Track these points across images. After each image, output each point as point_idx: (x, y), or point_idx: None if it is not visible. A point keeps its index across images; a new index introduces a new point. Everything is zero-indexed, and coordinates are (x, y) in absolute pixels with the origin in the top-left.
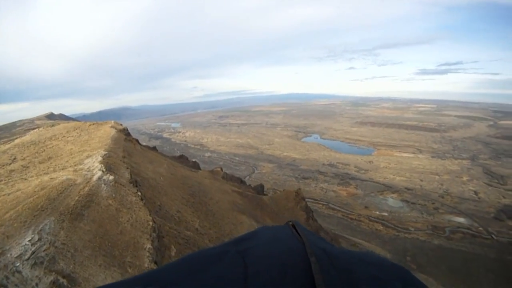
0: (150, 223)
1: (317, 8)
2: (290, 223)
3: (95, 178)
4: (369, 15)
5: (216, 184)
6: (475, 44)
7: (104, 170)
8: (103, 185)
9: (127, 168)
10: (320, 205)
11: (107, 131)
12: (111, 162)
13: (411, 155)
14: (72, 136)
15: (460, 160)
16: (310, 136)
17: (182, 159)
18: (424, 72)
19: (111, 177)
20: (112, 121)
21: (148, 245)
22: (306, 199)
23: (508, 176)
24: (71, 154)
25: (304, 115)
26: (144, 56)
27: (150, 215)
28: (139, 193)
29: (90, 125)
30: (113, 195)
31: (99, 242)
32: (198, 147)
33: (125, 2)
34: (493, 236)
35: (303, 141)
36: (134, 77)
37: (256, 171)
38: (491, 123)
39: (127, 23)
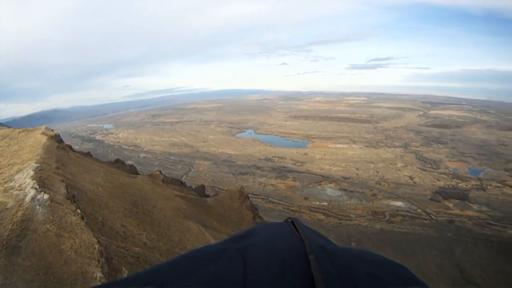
0: (96, 246)
1: (251, 5)
2: (290, 220)
3: (28, 198)
4: (302, 13)
5: (158, 190)
6: (405, 41)
7: (37, 187)
8: (38, 207)
9: (62, 181)
10: (260, 200)
11: (38, 139)
12: (44, 176)
13: (345, 146)
14: (1, 147)
15: (393, 148)
16: (245, 131)
17: (119, 163)
18: (355, 67)
19: (46, 196)
20: (43, 127)
21: (98, 274)
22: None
23: (441, 161)
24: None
25: (237, 111)
26: (75, 54)
27: (94, 236)
28: (78, 210)
29: (19, 132)
30: (51, 218)
31: (44, 280)
32: (132, 148)
33: None
34: (431, 216)
35: (238, 137)
36: (65, 77)
37: (192, 170)
38: (421, 113)
39: (55, 20)
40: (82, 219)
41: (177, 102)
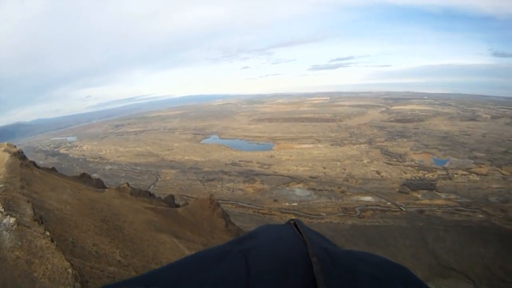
0: (70, 270)
1: (213, 9)
2: (292, 221)
3: None
4: (263, 16)
5: (127, 203)
6: (366, 40)
7: (3, 210)
8: (5, 232)
9: (28, 201)
10: (230, 205)
11: (0, 157)
12: (9, 197)
13: (311, 146)
14: None
15: (358, 145)
16: (209, 137)
17: (85, 177)
18: (317, 67)
19: (12, 219)
20: (5, 143)
21: None
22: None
23: (406, 154)
24: None
25: (201, 116)
26: (35, 65)
27: (66, 259)
28: (47, 232)
29: None
30: (19, 243)
31: None
32: (98, 160)
33: (7, 6)
34: (401, 208)
35: (203, 143)
36: (26, 89)
37: (159, 179)
38: (384, 109)
39: (12, 30)
40: (52, 241)
41: (141, 111)
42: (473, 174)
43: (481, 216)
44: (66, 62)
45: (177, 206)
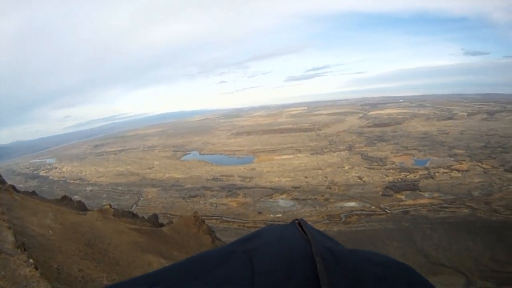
0: None
1: (187, 26)
2: (296, 221)
3: None
4: (237, 30)
5: (110, 225)
6: (340, 49)
7: None
8: None
9: (9, 228)
10: (214, 220)
11: None
12: None
13: (291, 156)
14: None
15: (338, 152)
16: (189, 153)
17: (66, 200)
18: (293, 78)
19: None
20: None
21: None
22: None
23: (386, 157)
24: None
25: (180, 133)
26: (11, 86)
27: (52, 287)
28: (31, 260)
29: None
30: (2, 273)
31: None
32: (78, 181)
33: None
34: (386, 210)
35: (183, 160)
36: (3, 110)
37: (142, 198)
38: (361, 115)
39: None
40: (37, 269)
41: (119, 130)
42: (454, 171)
43: (466, 211)
44: (43, 83)
45: (161, 225)
